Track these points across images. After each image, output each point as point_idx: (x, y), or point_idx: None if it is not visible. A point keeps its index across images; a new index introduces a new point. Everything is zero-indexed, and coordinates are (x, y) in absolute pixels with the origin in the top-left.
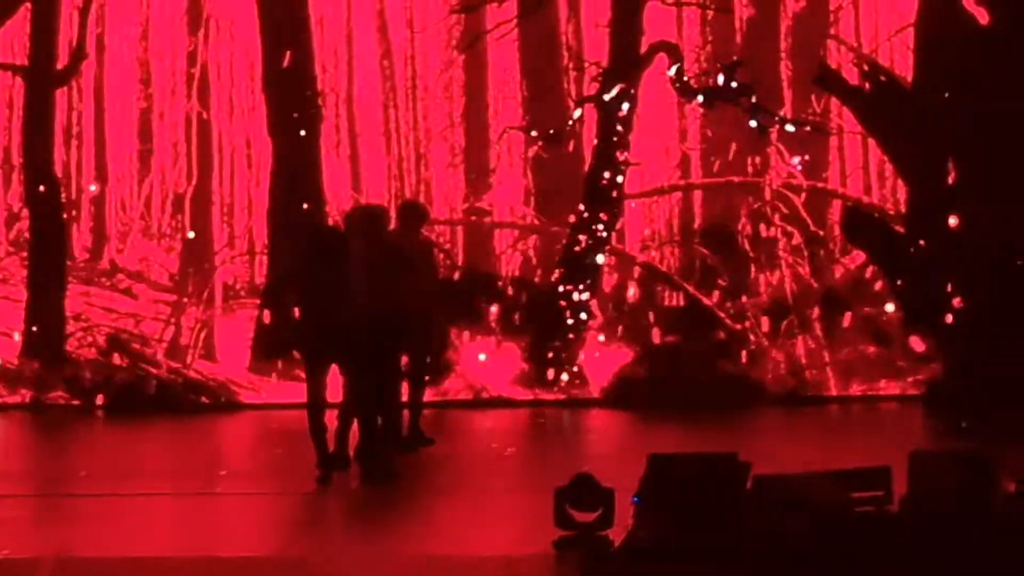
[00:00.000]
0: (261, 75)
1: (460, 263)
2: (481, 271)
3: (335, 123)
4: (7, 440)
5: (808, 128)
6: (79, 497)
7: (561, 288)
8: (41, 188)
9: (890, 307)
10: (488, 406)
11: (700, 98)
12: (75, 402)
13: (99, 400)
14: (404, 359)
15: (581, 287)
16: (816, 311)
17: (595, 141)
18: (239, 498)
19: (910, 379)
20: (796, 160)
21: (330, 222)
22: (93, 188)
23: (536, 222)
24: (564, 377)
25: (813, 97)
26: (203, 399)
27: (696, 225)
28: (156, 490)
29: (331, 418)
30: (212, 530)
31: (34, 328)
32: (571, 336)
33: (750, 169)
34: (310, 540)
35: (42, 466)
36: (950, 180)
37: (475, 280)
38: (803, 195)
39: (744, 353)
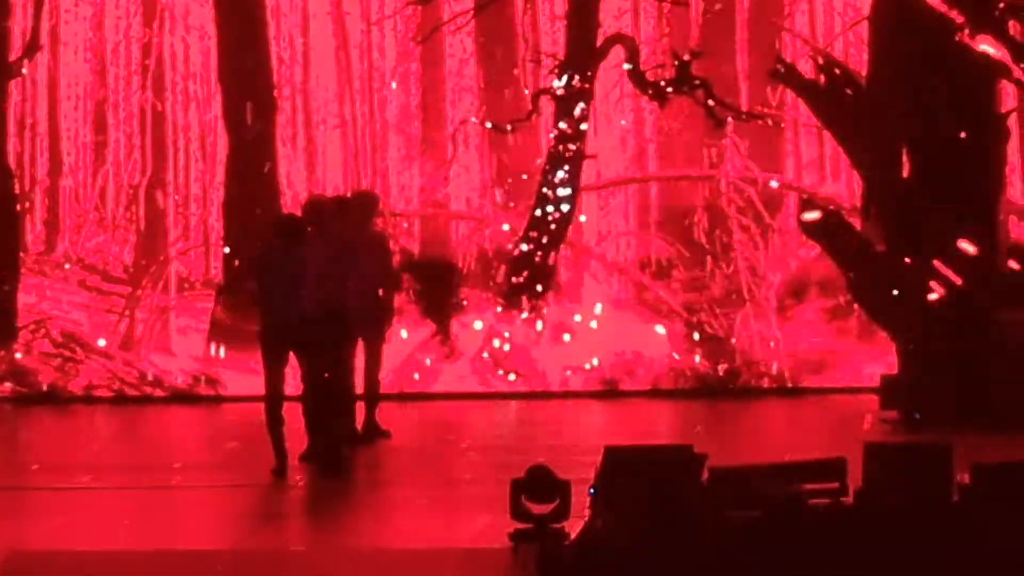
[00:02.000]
0: (216, 67)
1: (416, 255)
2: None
3: (291, 115)
4: None
5: (763, 121)
6: (31, 490)
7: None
8: None
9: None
10: (453, 399)
11: (653, 91)
12: (25, 393)
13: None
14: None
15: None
16: (772, 303)
17: (551, 133)
18: (194, 491)
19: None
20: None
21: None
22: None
23: (492, 214)
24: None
25: (769, 90)
26: (158, 392)
27: (652, 217)
28: (110, 483)
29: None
30: (167, 523)
31: None
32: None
33: (706, 162)
34: (266, 534)
35: None
36: (904, 173)
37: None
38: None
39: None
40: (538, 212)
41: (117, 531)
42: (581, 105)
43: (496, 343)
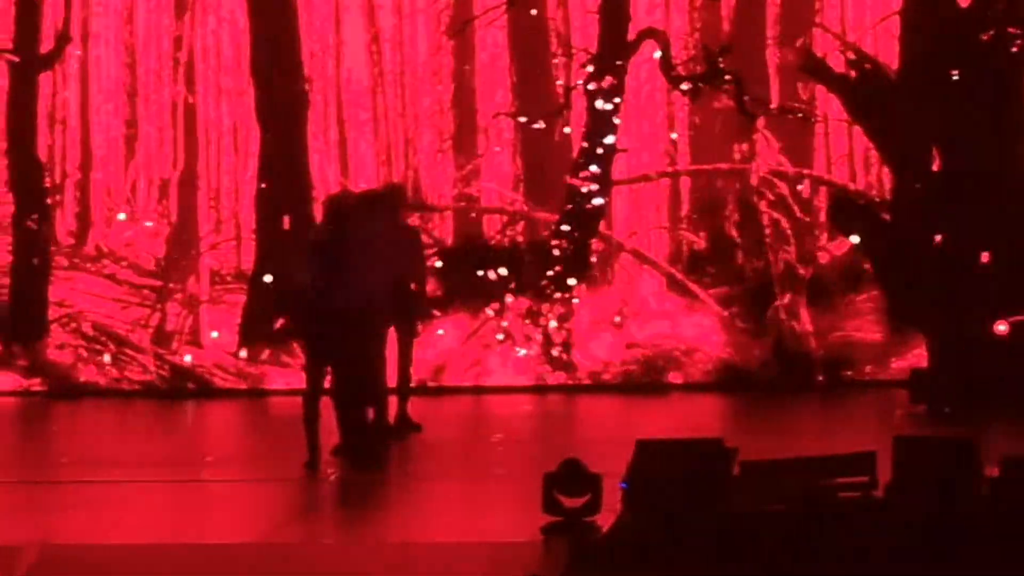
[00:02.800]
0: (248, 60)
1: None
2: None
3: (323, 109)
4: None
5: (794, 115)
6: (62, 484)
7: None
8: (25, 173)
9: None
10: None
11: (685, 86)
12: (55, 387)
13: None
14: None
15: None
16: (803, 297)
17: (583, 128)
18: (225, 485)
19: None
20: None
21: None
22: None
23: (524, 208)
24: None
25: (799, 85)
26: (188, 385)
27: (684, 211)
28: (141, 477)
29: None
30: (197, 517)
31: (17, 314)
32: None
33: (737, 156)
34: (297, 528)
35: (25, 453)
36: (935, 168)
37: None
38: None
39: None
40: (570, 206)
41: (147, 525)
42: (613, 104)
43: (528, 337)
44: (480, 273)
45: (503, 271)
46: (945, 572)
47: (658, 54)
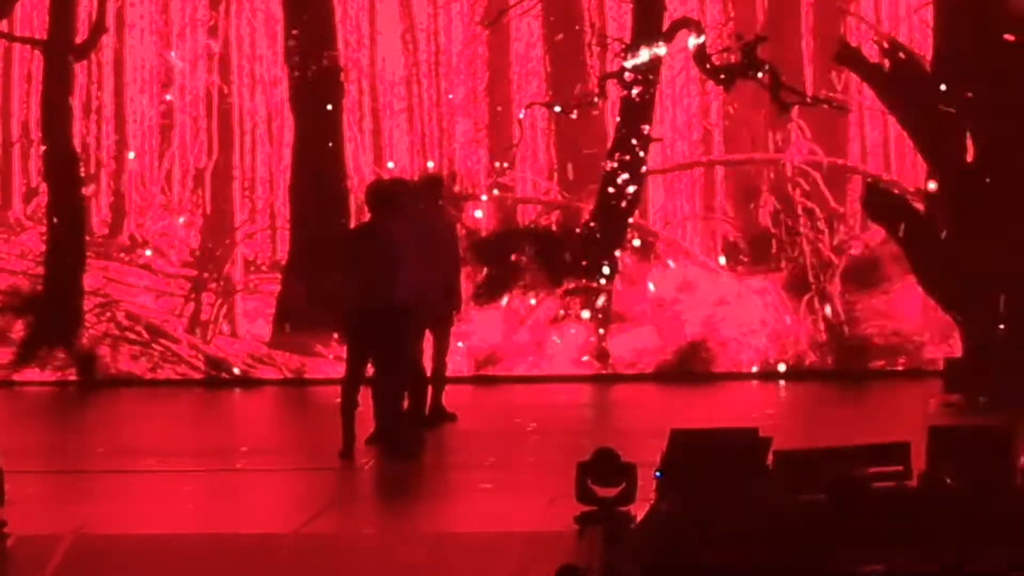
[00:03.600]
0: (283, 49)
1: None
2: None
3: (358, 98)
4: (24, 417)
5: (828, 105)
6: (97, 473)
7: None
8: (59, 163)
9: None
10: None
11: (721, 75)
12: (90, 377)
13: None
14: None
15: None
16: (837, 286)
17: (617, 117)
18: (259, 475)
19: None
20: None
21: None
22: (132, 156)
23: (559, 197)
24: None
25: (834, 74)
26: (223, 375)
27: (718, 201)
28: (175, 467)
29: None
30: (232, 507)
31: (51, 303)
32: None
33: (771, 146)
34: (330, 518)
35: (59, 443)
36: (969, 157)
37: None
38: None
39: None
40: (604, 195)
41: (182, 515)
42: (650, 90)
43: (564, 326)
44: (514, 263)
45: (536, 260)
46: (980, 562)
47: (694, 41)
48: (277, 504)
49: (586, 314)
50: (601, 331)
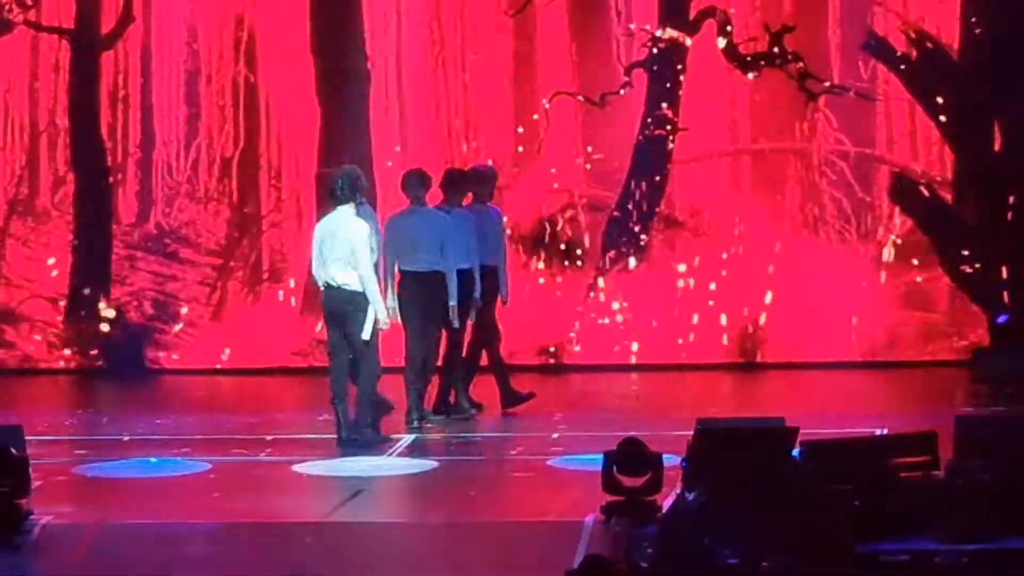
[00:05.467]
0: (309, 39)
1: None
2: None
3: (384, 87)
4: (50, 404)
5: (855, 94)
6: (122, 461)
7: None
8: (86, 152)
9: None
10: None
11: (747, 65)
12: (118, 366)
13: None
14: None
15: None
16: (864, 274)
17: (644, 106)
18: (285, 463)
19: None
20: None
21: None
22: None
23: (585, 186)
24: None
25: (860, 63)
26: (248, 364)
27: (744, 190)
28: (201, 455)
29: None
30: (257, 495)
31: (79, 292)
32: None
33: (798, 135)
34: (356, 506)
35: (85, 430)
36: (996, 146)
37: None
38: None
39: None
40: (631, 184)
41: (206, 503)
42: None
43: (592, 315)
44: (541, 252)
45: (563, 249)
46: (1007, 550)
47: (723, 42)
48: (302, 492)
49: (616, 304)
50: (625, 320)
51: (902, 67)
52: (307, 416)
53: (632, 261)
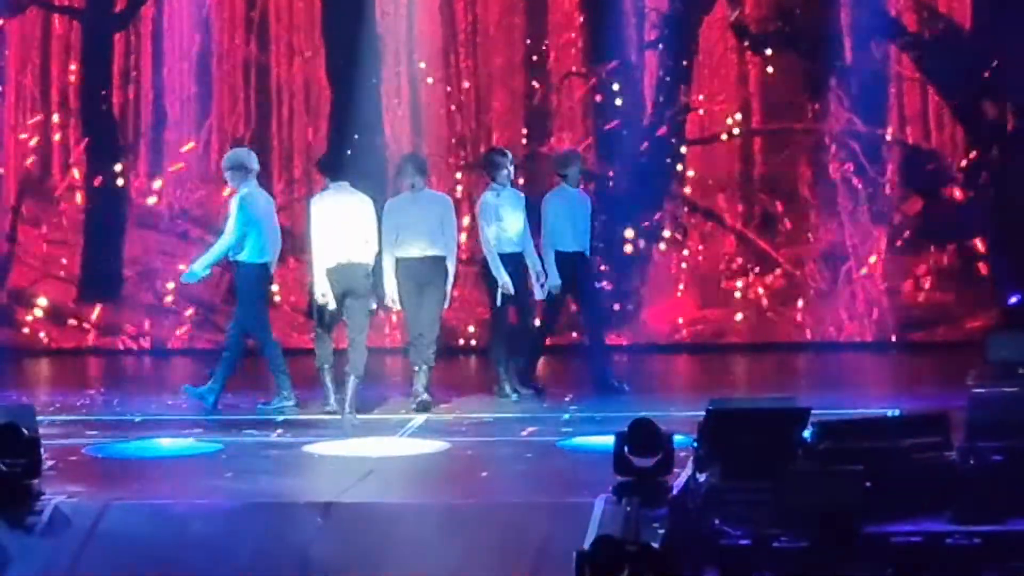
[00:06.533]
0: (320, 20)
1: None
2: None
3: (395, 68)
4: (65, 385)
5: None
6: (134, 442)
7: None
8: (98, 132)
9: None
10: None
11: (759, 44)
12: (128, 345)
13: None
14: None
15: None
16: (876, 256)
17: (654, 87)
18: (296, 444)
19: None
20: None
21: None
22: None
23: (596, 168)
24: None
25: (872, 43)
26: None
27: (756, 171)
28: (214, 436)
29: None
30: (267, 476)
31: (90, 272)
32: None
33: (809, 115)
34: (366, 486)
35: (97, 410)
36: (1009, 127)
37: None
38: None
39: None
40: (641, 165)
41: (217, 483)
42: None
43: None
44: None
45: None
46: (1020, 532)
47: (733, 16)
48: (314, 473)
49: (624, 284)
50: (635, 302)
51: (914, 47)
52: (318, 396)
53: (642, 242)
